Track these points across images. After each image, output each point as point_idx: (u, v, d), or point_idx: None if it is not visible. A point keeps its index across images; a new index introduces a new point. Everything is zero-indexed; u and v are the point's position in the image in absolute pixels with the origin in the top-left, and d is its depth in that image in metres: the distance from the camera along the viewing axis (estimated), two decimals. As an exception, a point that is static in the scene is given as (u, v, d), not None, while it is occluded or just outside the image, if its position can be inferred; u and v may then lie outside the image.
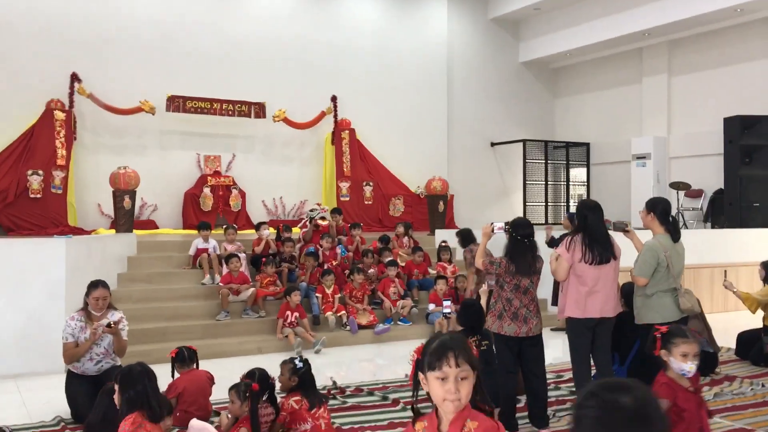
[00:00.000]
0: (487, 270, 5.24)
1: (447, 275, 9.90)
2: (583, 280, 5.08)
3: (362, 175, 13.59)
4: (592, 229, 5.12)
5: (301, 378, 4.64)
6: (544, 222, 15.15)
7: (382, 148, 13.97)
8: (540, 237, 8.26)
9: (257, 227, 9.99)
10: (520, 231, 5.19)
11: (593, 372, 5.30)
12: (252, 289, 8.83)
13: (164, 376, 5.60)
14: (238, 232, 10.41)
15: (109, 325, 5.43)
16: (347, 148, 13.45)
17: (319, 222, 10.21)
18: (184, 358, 5.47)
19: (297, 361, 4.61)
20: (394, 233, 10.86)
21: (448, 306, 5.81)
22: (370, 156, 13.86)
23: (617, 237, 5.45)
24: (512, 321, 5.10)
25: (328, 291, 9.09)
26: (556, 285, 8.88)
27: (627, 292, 5.86)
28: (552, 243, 8.86)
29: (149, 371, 3.91)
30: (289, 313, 8.46)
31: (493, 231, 5.35)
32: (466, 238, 8.98)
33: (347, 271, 9.58)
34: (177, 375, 5.35)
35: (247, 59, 12.94)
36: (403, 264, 10.15)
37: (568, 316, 5.18)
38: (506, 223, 5.30)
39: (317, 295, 9.04)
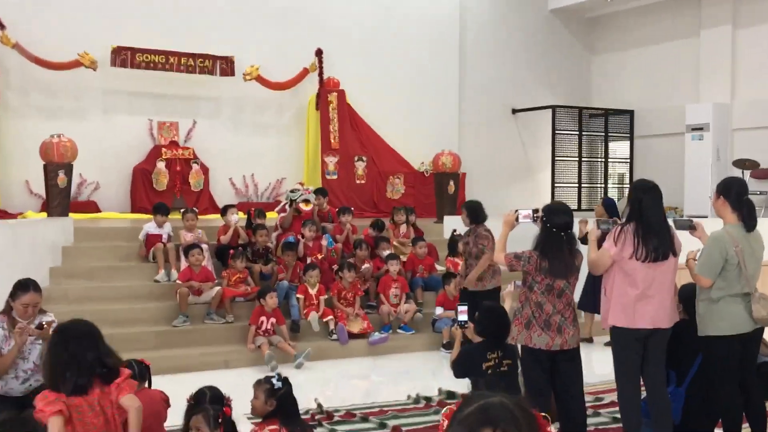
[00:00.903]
0: (512, 267, 5.23)
1: (459, 273, 9.82)
2: (633, 280, 5.06)
3: (354, 147, 13.58)
4: (647, 218, 5.07)
5: (279, 401, 4.57)
6: (576, 208, 15.12)
7: (379, 114, 13.93)
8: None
9: (223, 211, 9.97)
10: (555, 220, 5.14)
11: (643, 394, 5.28)
12: (217, 288, 8.85)
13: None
14: (200, 217, 10.40)
15: (40, 326, 5.31)
16: (335, 115, 13.43)
17: (301, 206, 10.20)
18: (134, 375, 5.39)
19: (275, 380, 4.54)
20: (389, 220, 10.81)
21: (463, 311, 5.73)
22: (364, 124, 13.82)
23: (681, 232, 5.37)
24: (543, 331, 5.09)
25: (312, 291, 9.10)
26: (591, 284, 8.79)
27: (687, 297, 5.77)
28: (584, 240, 8.80)
29: (91, 332, 3.97)
30: (263, 318, 8.47)
31: (517, 220, 5.34)
32: (475, 214, 8.43)
33: (335, 267, 9.57)
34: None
35: (211, 3, 12.84)
36: (404, 258, 10.13)
37: (613, 324, 5.16)
38: (535, 211, 5.27)
39: (298, 296, 9.04)
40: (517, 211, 5.34)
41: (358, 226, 10.72)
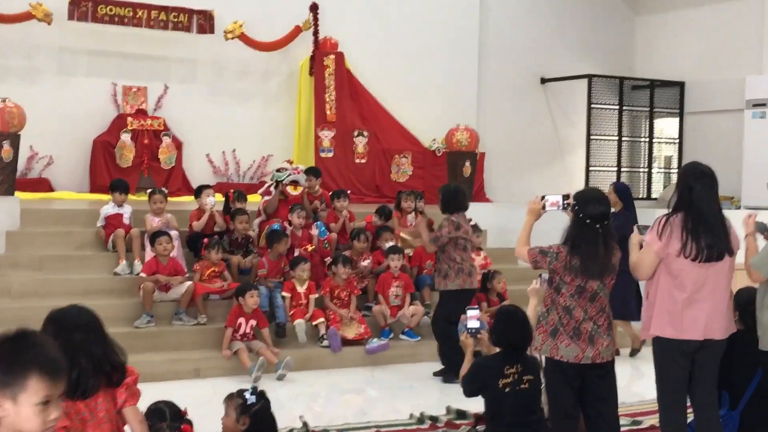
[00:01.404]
0: (536, 263, 5.22)
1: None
2: (681, 282, 5.05)
3: (353, 121, 13.54)
4: (699, 209, 5.03)
5: (253, 419, 4.60)
6: (614, 196, 15.00)
7: (384, 81, 13.89)
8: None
9: (197, 192, 9.97)
10: (589, 209, 5.08)
11: (690, 417, 5.26)
12: (188, 283, 8.84)
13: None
14: (170, 199, 10.36)
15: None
16: (332, 81, 13.37)
17: (288, 189, 10.12)
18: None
19: (248, 394, 4.59)
20: (394, 207, 10.80)
21: (475, 316, 5.69)
22: (365, 93, 13.78)
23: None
24: (572, 340, 5.06)
25: (301, 289, 9.09)
26: (628, 286, 8.69)
27: (744, 303, 5.79)
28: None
29: (95, 321, 3.84)
30: (242, 320, 8.45)
31: (544, 208, 5.34)
32: (446, 203, 8.37)
33: (328, 260, 9.55)
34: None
35: (188, -53, 12.81)
36: (410, 252, 10.10)
37: (656, 335, 5.14)
38: (566, 197, 5.26)
39: (284, 294, 9.03)
40: (544, 197, 5.32)
41: (357, 212, 10.70)
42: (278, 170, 10.33)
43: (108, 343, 3.88)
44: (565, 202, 5.22)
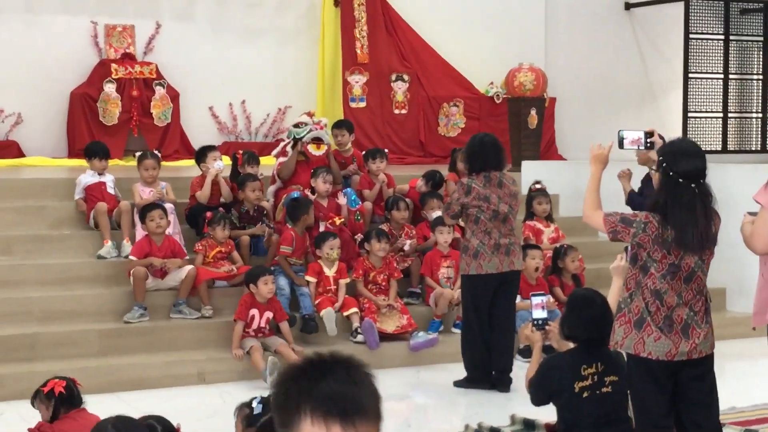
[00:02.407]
0: (615, 234, 5.17)
1: (543, 244, 9.84)
2: None
3: (390, 62, 13.58)
4: None
5: None
6: (720, 149, 14.92)
7: (428, 13, 13.92)
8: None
9: (200, 156, 9.94)
10: (682, 165, 5.05)
11: None
12: (188, 267, 8.80)
13: (32, 419, 5.67)
14: (164, 163, 10.32)
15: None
16: (363, 14, 13.44)
17: (309, 148, 10.05)
18: (73, 396, 5.57)
19: (255, 402, 4.58)
20: (449, 168, 10.73)
21: (540, 304, 5.66)
22: (406, 28, 13.81)
23: None
24: (663, 333, 5.04)
25: (329, 272, 9.08)
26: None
27: None
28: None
29: None
30: (255, 312, 8.41)
31: (621, 145, 5.43)
32: (472, 158, 8.32)
33: (360, 237, 9.53)
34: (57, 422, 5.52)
35: None
36: (462, 224, 9.99)
37: None
38: (648, 134, 5.31)
39: (308, 278, 9.02)
40: (620, 132, 5.36)
41: (397, 177, 10.69)
42: (296, 125, 10.23)
43: None
44: (648, 140, 5.27)
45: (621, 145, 5.40)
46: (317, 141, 10.07)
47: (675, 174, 5.02)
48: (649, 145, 5.31)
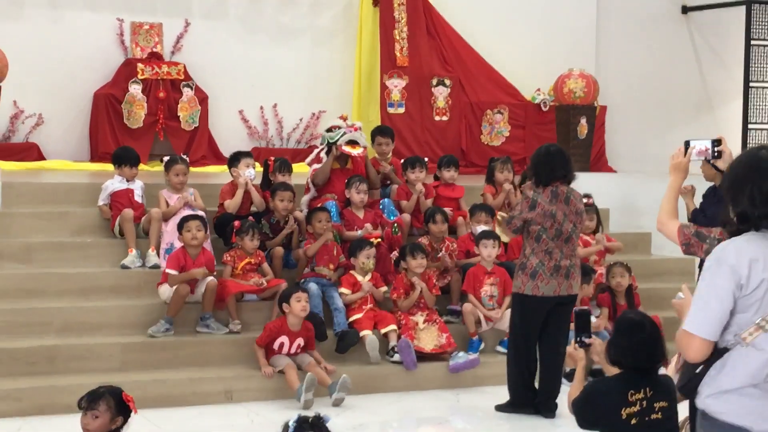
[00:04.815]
0: (689, 248, 5.00)
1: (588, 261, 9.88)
2: None
3: (432, 65, 13.66)
4: None
5: None
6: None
7: (472, 14, 14.01)
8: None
9: (233, 161, 9.94)
10: None
11: None
12: (209, 278, 8.76)
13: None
14: (191, 169, 10.26)
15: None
16: (403, 14, 13.48)
17: (346, 151, 9.97)
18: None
19: (291, 423, 4.53)
20: (486, 180, 10.75)
21: (583, 321, 5.56)
22: (449, 29, 13.88)
23: None
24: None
25: (363, 280, 9.13)
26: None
27: None
28: None
29: None
30: (285, 339, 8.41)
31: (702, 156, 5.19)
32: (538, 170, 8.25)
33: (396, 253, 9.52)
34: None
35: None
36: (507, 239, 10.03)
37: None
38: (716, 143, 5.14)
39: (343, 290, 9.04)
40: (687, 143, 5.17)
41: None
42: (329, 130, 10.26)
43: None
44: (716, 149, 5.09)
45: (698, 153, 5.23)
46: (353, 143, 10.08)
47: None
48: (716, 154, 5.10)
